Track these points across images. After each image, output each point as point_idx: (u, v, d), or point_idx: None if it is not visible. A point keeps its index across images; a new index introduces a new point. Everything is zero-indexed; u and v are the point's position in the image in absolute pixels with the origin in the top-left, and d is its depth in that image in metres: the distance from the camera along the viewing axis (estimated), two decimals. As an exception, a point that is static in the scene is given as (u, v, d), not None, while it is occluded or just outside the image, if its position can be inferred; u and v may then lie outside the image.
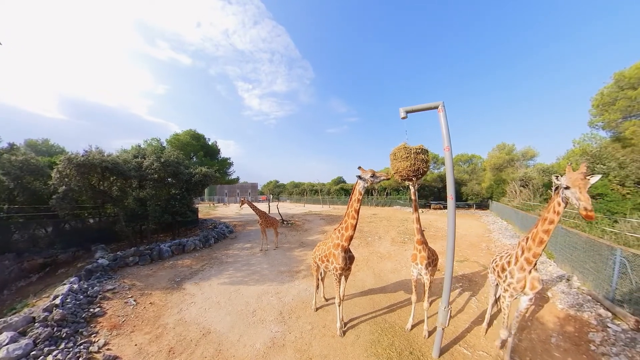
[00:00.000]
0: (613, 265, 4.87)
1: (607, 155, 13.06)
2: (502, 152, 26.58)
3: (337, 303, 3.69)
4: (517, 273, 2.91)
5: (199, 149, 18.85)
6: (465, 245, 10.08)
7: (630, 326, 4.00)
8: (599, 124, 14.88)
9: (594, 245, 5.69)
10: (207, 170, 10.99)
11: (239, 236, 11.51)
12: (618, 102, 13.56)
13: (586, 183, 2.25)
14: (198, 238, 9.37)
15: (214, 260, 7.59)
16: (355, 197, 3.32)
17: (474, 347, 3.53)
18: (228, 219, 17.61)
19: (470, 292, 5.47)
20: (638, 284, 4.66)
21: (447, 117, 3.17)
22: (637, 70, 13.04)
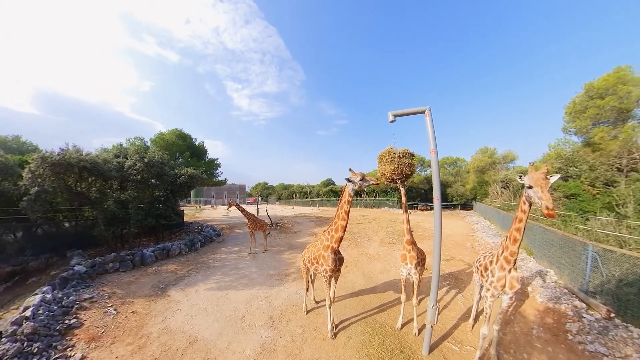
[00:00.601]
0: (586, 260, 5.23)
1: (579, 159, 14.03)
2: (485, 156, 27.96)
3: (327, 305, 3.68)
4: (497, 272, 2.97)
5: (185, 149, 18.17)
6: (451, 244, 10.39)
7: (603, 315, 4.31)
8: (571, 130, 16.05)
9: (569, 241, 6.08)
10: (194, 171, 10.65)
11: (227, 239, 11.25)
12: (588, 110, 14.69)
13: (547, 183, 2.33)
14: (183, 242, 9.05)
15: (201, 265, 7.36)
16: (345, 199, 3.35)
17: (461, 343, 3.66)
18: (215, 221, 17.17)
19: (457, 289, 5.65)
20: (608, 276, 5.04)
21: (433, 121, 3.29)
22: (605, 82, 14.19)
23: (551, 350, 3.56)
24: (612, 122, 14.42)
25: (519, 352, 3.50)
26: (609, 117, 14.34)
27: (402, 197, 3.94)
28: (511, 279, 2.89)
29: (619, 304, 4.50)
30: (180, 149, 17.89)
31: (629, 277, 4.83)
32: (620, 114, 14.01)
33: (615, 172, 12.92)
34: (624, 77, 13.80)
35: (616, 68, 14.19)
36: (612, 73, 14.17)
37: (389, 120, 3.50)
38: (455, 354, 3.41)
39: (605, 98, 14.01)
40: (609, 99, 13.89)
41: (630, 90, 13.45)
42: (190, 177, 10.34)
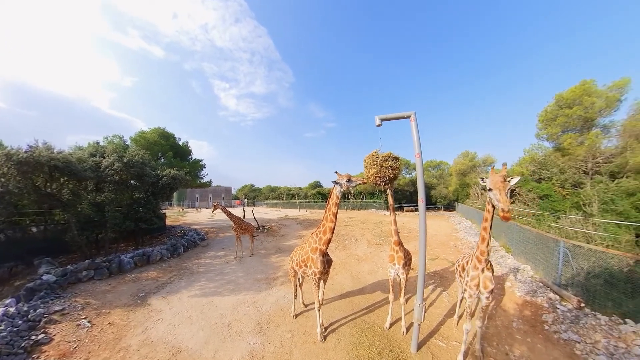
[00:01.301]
0: (558, 255, 5.60)
1: (551, 163, 15.08)
2: (466, 159, 29.46)
3: (316, 308, 3.66)
4: (471, 272, 3.02)
5: (168, 149, 17.37)
6: (436, 244, 10.70)
7: (574, 306, 4.64)
8: (543, 136, 17.29)
9: (543, 239, 6.50)
10: (177, 172, 10.20)
11: (212, 244, 10.90)
12: (558, 118, 15.94)
13: (505, 185, 2.36)
14: (165, 247, 8.66)
15: (184, 270, 7.06)
16: (332, 201, 3.36)
17: (447, 339, 3.78)
18: (199, 225, 16.60)
19: (442, 287, 5.84)
20: (578, 269, 5.46)
21: (418, 126, 3.40)
22: (572, 93, 15.43)
23: (530, 341, 3.79)
24: (579, 130, 15.68)
25: (501, 344, 3.68)
26: (576, 125, 15.61)
27: (389, 199, 4.04)
28: (484, 278, 2.90)
29: (588, 295, 4.87)
30: (162, 148, 17.08)
31: (596, 270, 5.30)
32: (586, 123, 15.29)
33: (582, 174, 14.00)
34: (589, 89, 15.09)
35: (582, 81, 15.46)
36: (579, 85, 15.45)
37: (376, 124, 3.59)
38: (442, 350, 3.51)
39: (572, 108, 15.30)
40: (576, 108, 15.14)
41: (594, 101, 14.74)
42: (173, 179, 9.90)
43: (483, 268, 2.89)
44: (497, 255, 8.31)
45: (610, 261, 5.26)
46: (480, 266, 2.90)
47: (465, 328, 3.16)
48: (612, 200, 10.32)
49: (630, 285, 4.57)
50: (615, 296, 4.58)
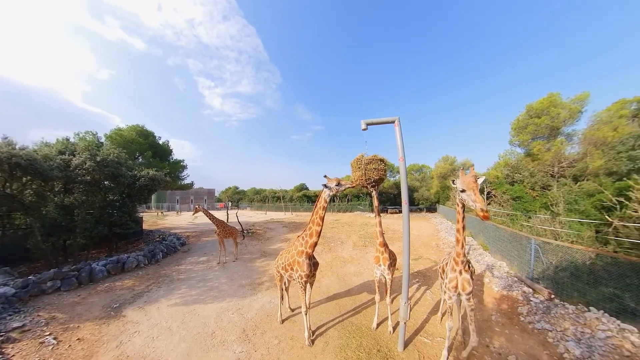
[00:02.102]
0: (530, 252, 6.00)
1: (522, 167, 16.30)
2: (446, 163, 31.01)
3: (303, 312, 3.62)
4: (449, 274, 3.01)
5: (146, 148, 16.23)
6: (419, 244, 11.02)
7: (545, 297, 4.98)
8: (516, 142, 18.63)
9: (516, 236, 6.97)
10: (156, 173, 9.61)
11: (193, 249, 10.46)
12: (528, 126, 17.31)
13: (477, 185, 2.38)
14: (142, 253, 8.17)
15: (163, 278, 6.69)
16: (320, 204, 3.37)
17: (432, 335, 3.90)
18: (180, 229, 15.88)
19: (426, 286, 6.02)
20: (547, 264, 5.90)
21: (402, 131, 3.51)
22: (541, 104, 16.89)
23: (508, 332, 4.02)
24: (546, 137, 17.12)
25: (482, 337, 3.89)
26: (544, 133, 17.06)
27: (375, 201, 4.12)
28: (462, 280, 2.88)
29: (557, 287, 5.26)
30: (141, 147, 15.93)
31: (563, 264, 5.77)
32: (552, 131, 16.76)
33: (549, 177, 15.18)
34: (555, 101, 16.66)
35: (549, 94, 16.98)
36: (546, 97, 16.97)
37: (362, 128, 3.69)
38: (428, 347, 3.62)
39: (541, 117, 16.75)
40: (544, 118, 16.58)
41: (559, 112, 16.26)
42: (151, 180, 9.33)
43: (461, 270, 2.89)
44: (475, 253, 8.72)
45: (575, 255, 5.76)
46: (458, 268, 2.91)
47: (448, 325, 3.27)
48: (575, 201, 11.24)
49: (592, 277, 5.03)
50: (580, 287, 4.99)
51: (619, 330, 3.78)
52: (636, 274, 4.25)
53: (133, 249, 9.28)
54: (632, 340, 3.55)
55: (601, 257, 5.33)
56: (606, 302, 4.41)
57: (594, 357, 3.35)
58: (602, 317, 4.12)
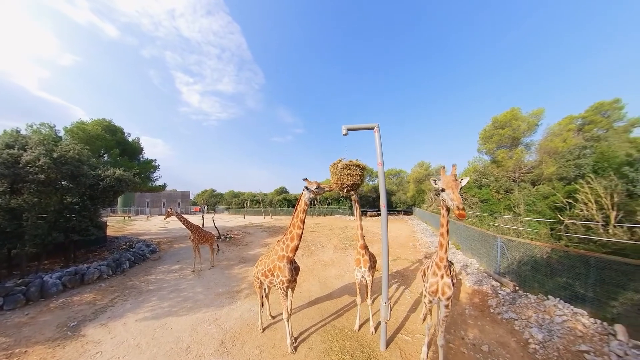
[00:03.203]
0: (497, 249, 6.52)
1: (488, 172, 17.94)
2: (422, 169, 33.21)
3: (285, 318, 3.53)
4: (430, 278, 2.96)
5: (113, 145, 14.64)
6: (397, 245, 11.39)
7: (511, 289, 5.43)
8: (483, 150, 20.63)
9: (484, 235, 7.50)
10: (123, 173, 8.74)
11: (165, 256, 9.77)
12: (494, 136, 19.30)
13: (457, 184, 2.40)
14: (105, 263, 7.45)
15: (130, 290, 6.14)
16: (301, 207, 3.34)
17: (412, 333, 4.04)
18: (150, 235, 14.76)
19: (404, 285, 6.22)
20: (512, 259, 6.45)
21: (381, 136, 3.64)
22: (504, 117, 18.97)
23: (480, 324, 4.31)
24: (509, 146, 19.17)
25: (457, 330, 4.11)
26: (507, 142, 19.12)
27: (355, 204, 4.19)
28: (443, 285, 2.84)
29: (520, 279, 5.77)
30: (107, 144, 14.33)
31: (525, 259, 6.35)
32: (514, 141, 18.85)
33: (512, 182, 16.75)
34: (516, 114, 18.83)
35: (511, 108, 19.16)
36: (509, 111, 19.14)
37: (343, 133, 3.78)
38: (409, 344, 3.74)
39: (504, 129, 18.80)
40: (507, 129, 18.61)
41: (520, 124, 18.36)
42: (117, 180, 8.49)
43: (442, 274, 2.85)
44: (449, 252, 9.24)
45: (534, 251, 6.36)
46: (440, 272, 2.86)
47: (427, 325, 3.40)
48: (533, 202, 12.44)
49: (549, 269, 5.62)
50: (539, 278, 5.53)
51: (572, 314, 4.27)
52: (584, 265, 4.81)
53: (95, 258, 8.42)
54: (583, 322, 4.04)
55: (555, 252, 5.93)
56: (561, 291, 4.93)
57: (553, 340, 3.72)
58: (558, 303, 4.62)
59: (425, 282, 3.16)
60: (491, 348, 3.63)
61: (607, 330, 3.81)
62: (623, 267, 4.30)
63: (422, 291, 3.34)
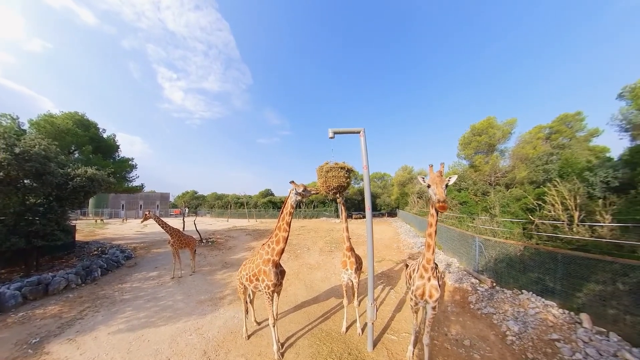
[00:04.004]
0: (475, 248, 6.85)
1: (467, 176, 19.17)
2: (405, 172, 34.49)
3: (271, 324, 3.45)
4: (417, 281, 2.91)
5: (86, 141, 13.32)
6: (381, 247, 11.60)
7: (489, 286, 5.74)
8: (462, 155, 22.11)
9: (464, 236, 7.87)
10: (96, 172, 8.02)
11: (141, 262, 9.21)
12: (472, 143, 20.67)
13: (442, 180, 2.46)
14: (74, 270, 6.88)
15: (102, 300, 5.70)
16: (287, 210, 3.30)
17: (398, 332, 4.11)
18: (125, 239, 13.86)
19: (390, 286, 6.34)
20: (489, 258, 6.81)
21: (366, 141, 3.70)
22: (482, 125, 20.37)
23: (461, 320, 4.50)
24: (485, 152, 20.56)
25: (441, 327, 4.26)
26: (484, 148, 20.51)
27: (341, 206, 4.23)
28: (430, 287, 2.80)
29: (497, 276, 6.11)
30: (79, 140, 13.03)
31: (500, 256, 6.73)
32: (490, 147, 20.28)
33: (488, 185, 17.86)
34: (492, 123, 20.29)
35: (488, 117, 20.59)
36: (485, 120, 20.54)
37: (329, 136, 3.80)
38: (395, 343, 3.80)
39: (482, 136, 20.23)
40: (484, 137, 20.02)
41: (495, 132, 19.87)
42: (89, 180, 7.79)
43: (429, 277, 2.82)
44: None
45: (509, 249, 6.77)
46: (427, 275, 2.82)
47: (414, 327, 3.47)
48: (507, 204, 13.24)
49: (522, 265, 6.00)
50: (514, 274, 5.88)
51: (544, 306, 4.61)
52: (552, 261, 5.23)
53: (61, 266, 7.75)
54: (553, 313, 4.37)
55: (527, 249, 6.34)
56: (533, 285, 5.29)
57: (528, 331, 3.98)
58: (531, 297, 4.96)
59: (411, 285, 3.10)
60: (472, 342, 3.79)
61: (574, 319, 4.15)
62: (585, 262, 4.72)
63: (409, 294, 3.27)
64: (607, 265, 4.60)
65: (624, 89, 15.57)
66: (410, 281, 3.19)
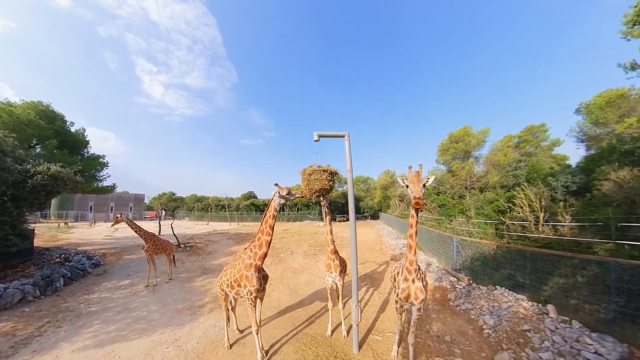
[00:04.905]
0: (453, 248, 7.19)
1: (445, 181, 20.50)
2: (387, 176, 35.79)
3: (254, 331, 3.33)
4: (401, 284, 2.90)
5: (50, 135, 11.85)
6: (365, 249, 11.77)
7: (466, 283, 6.04)
8: (441, 161, 23.56)
9: (442, 236, 8.25)
10: (61, 169, 7.32)
11: (111, 270, 8.54)
12: (450, 149, 22.23)
13: (419, 179, 2.52)
14: (31, 281, 6.19)
15: (65, 313, 5.17)
16: (270, 213, 3.23)
17: (383, 332, 4.17)
18: (93, 245, 12.75)
19: (373, 287, 6.43)
20: (466, 257, 7.19)
21: (350, 144, 3.77)
22: (459, 133, 22.06)
23: (442, 317, 4.68)
24: (462, 158, 22.07)
25: (423, 325, 4.38)
26: (460, 155, 22.07)
27: (325, 209, 4.26)
28: (415, 289, 2.80)
29: (473, 273, 6.46)
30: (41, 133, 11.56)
31: (476, 255, 7.12)
32: (466, 154, 21.89)
33: (464, 189, 19.03)
34: (468, 131, 22.02)
35: (464, 126, 22.42)
36: (462, 128, 22.26)
37: (314, 139, 3.82)
38: (380, 343, 3.85)
39: (458, 143, 21.84)
40: (460, 144, 21.61)
41: (471, 140, 21.58)
42: (52, 178, 7.05)
43: (414, 279, 2.82)
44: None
45: (483, 248, 7.20)
46: (411, 277, 2.83)
47: (397, 327, 3.55)
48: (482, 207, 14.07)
49: (495, 263, 6.41)
50: (488, 271, 6.27)
51: (515, 300, 4.94)
52: (521, 258, 5.67)
53: (16, 276, 6.95)
54: (524, 306, 4.71)
55: (500, 248, 6.79)
56: (506, 281, 5.67)
57: (502, 324, 4.25)
58: (504, 292, 5.30)
59: (396, 288, 3.11)
60: (453, 337, 3.96)
61: (541, 310, 4.50)
62: (550, 258, 5.20)
63: (394, 297, 3.29)
64: (568, 260, 5.10)
65: (581, 105, 17.59)
66: (395, 284, 3.20)
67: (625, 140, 9.96)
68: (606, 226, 8.46)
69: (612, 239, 7.88)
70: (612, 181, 9.04)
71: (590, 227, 8.93)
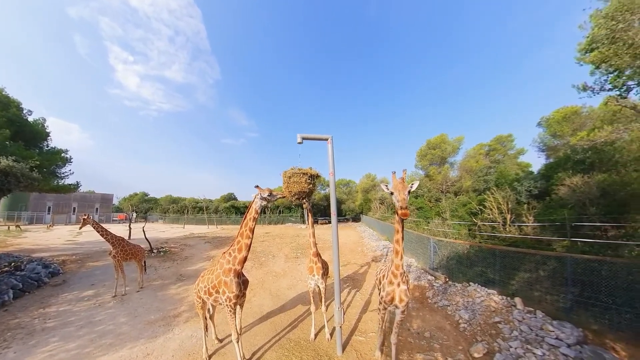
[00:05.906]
0: (430, 248, 7.56)
1: (423, 185, 21.59)
2: (368, 179, 36.85)
3: (234, 339, 3.20)
4: (387, 287, 2.93)
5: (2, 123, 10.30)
6: (347, 251, 11.89)
7: (443, 281, 6.36)
8: (419, 166, 25.18)
9: (421, 238, 8.64)
10: (14, 164, 6.55)
11: (72, 279, 7.74)
12: (427, 155, 23.68)
13: (404, 187, 2.50)
14: (-27, 297, 5.45)
15: (14, 331, 4.56)
16: (251, 215, 3.13)
17: (366, 332, 4.23)
18: (51, 251, 11.44)
19: (356, 289, 6.52)
20: (442, 256, 7.57)
21: (333, 148, 3.82)
22: (436, 140, 23.59)
23: (421, 314, 4.89)
24: (438, 164, 23.53)
25: (404, 323, 4.50)
26: (437, 160, 23.51)
27: (307, 211, 4.26)
28: (400, 292, 2.84)
29: (449, 272, 6.82)
30: None
31: (451, 255, 7.49)
32: (442, 160, 23.36)
33: (440, 193, 20.12)
34: (444, 139, 23.65)
35: (441, 133, 24.07)
36: (439, 136, 23.83)
37: (297, 142, 3.83)
38: (363, 344, 3.90)
39: (435, 150, 23.33)
40: (437, 150, 23.09)
41: (447, 147, 23.17)
42: (3, 174, 6.33)
43: (399, 282, 2.87)
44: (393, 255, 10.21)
45: (458, 248, 7.62)
46: (396, 280, 2.87)
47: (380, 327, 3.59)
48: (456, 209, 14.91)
49: (469, 261, 6.80)
50: (463, 269, 6.66)
51: (487, 295, 5.29)
52: (492, 256, 6.10)
53: (-48, 292, 6.05)
54: (495, 300, 5.07)
55: (472, 247, 7.23)
56: (478, 277, 6.06)
57: (476, 317, 4.54)
58: (477, 288, 5.66)
59: (381, 291, 3.14)
60: (432, 333, 4.14)
61: (510, 303, 4.87)
62: (516, 255, 5.67)
63: (379, 300, 3.30)
64: (531, 257, 5.64)
65: (542, 119, 19.60)
66: (380, 286, 3.22)
67: (577, 150, 11.16)
68: (562, 226, 9.39)
69: (568, 236, 8.77)
70: (567, 186, 10.07)
71: (550, 226, 9.86)
